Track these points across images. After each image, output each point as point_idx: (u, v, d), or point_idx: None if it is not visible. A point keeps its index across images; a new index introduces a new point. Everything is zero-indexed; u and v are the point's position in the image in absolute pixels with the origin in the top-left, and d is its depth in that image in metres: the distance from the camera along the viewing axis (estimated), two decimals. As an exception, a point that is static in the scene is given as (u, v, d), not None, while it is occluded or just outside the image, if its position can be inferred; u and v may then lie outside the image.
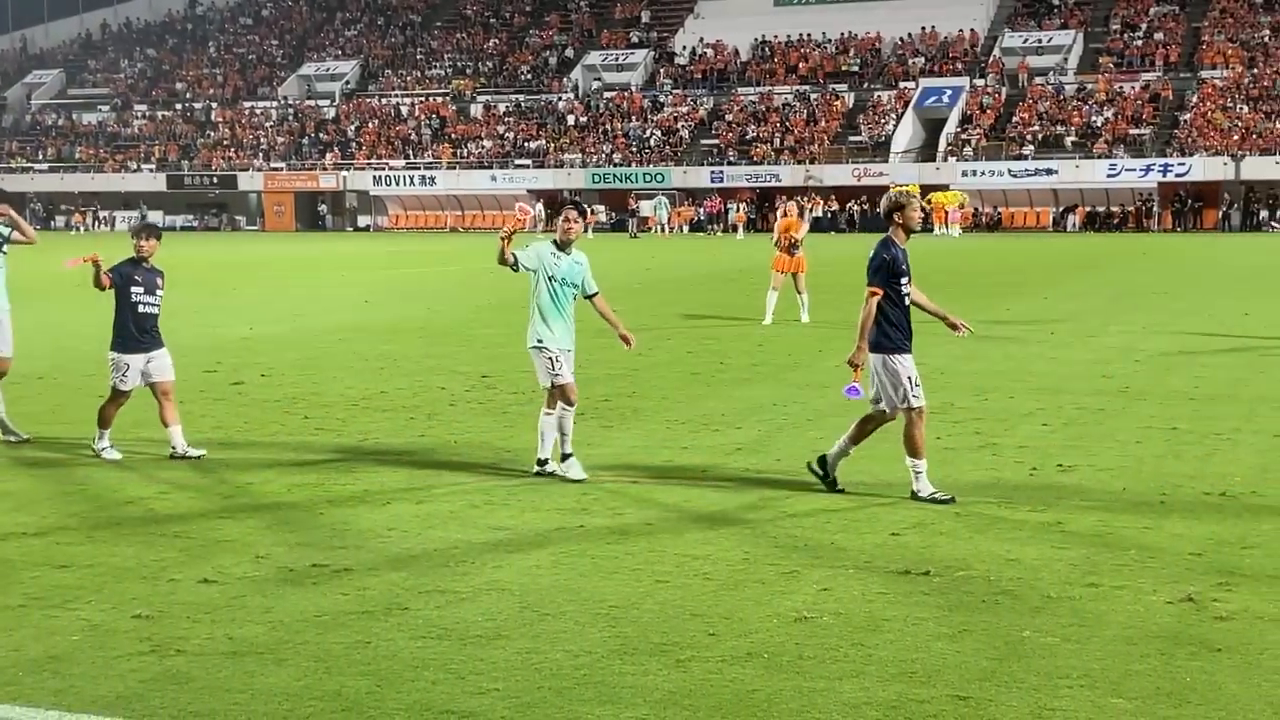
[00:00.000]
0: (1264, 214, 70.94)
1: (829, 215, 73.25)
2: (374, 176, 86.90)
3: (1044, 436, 12.40)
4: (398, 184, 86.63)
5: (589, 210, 73.75)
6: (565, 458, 10.67)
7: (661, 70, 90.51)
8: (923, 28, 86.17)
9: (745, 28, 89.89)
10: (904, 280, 9.87)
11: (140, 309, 11.59)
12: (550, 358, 10.62)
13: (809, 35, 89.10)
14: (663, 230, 72.60)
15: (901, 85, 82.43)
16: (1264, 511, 9.40)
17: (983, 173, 74.14)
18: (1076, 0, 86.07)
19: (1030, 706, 5.86)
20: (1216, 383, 15.56)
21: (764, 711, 5.82)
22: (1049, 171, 73.42)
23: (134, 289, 11.58)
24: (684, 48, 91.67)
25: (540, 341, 10.68)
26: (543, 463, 10.74)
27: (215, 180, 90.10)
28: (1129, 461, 11.19)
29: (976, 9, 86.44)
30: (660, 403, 14.52)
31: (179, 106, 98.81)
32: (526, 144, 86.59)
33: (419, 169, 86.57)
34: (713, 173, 79.63)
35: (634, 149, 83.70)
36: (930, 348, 19.36)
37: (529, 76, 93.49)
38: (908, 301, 9.92)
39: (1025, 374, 16.47)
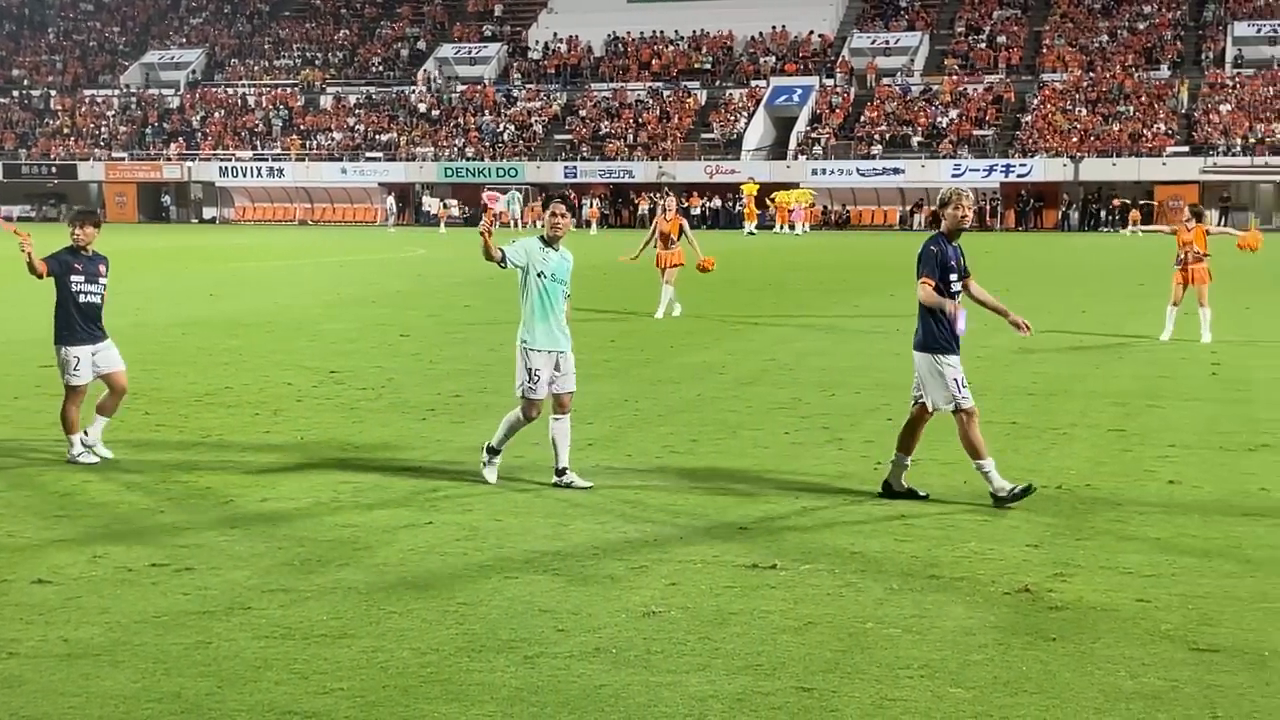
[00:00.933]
0: (1104, 214, 73.09)
1: (685, 210, 73.71)
2: (220, 167, 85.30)
3: (889, 431, 12.53)
4: (245, 175, 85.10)
5: (445, 204, 73.86)
6: (561, 472, 10.11)
7: (515, 65, 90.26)
8: (774, 27, 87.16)
9: (598, 24, 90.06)
10: (953, 277, 9.64)
11: (82, 299, 11.09)
12: (528, 367, 10.03)
13: (662, 32, 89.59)
14: (516, 225, 72.37)
15: (753, 84, 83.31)
16: (1098, 504, 9.68)
17: (832, 171, 75.41)
18: (923, 3, 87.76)
19: (872, 697, 5.95)
20: (1054, 379, 15.97)
21: (611, 706, 5.83)
22: (896, 171, 74.88)
23: (74, 278, 11.06)
24: (537, 42, 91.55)
25: (525, 343, 10.12)
26: (561, 471, 10.18)
27: (54, 170, 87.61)
28: (970, 455, 11.41)
29: (826, 9, 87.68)
30: (511, 398, 14.43)
31: (16, 94, 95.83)
32: (377, 137, 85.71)
33: (267, 160, 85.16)
34: (566, 168, 79.68)
35: (487, 143, 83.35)
36: (779, 344, 19.60)
37: (380, 68, 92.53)
38: (958, 300, 9.70)
39: (871, 369, 16.74)
